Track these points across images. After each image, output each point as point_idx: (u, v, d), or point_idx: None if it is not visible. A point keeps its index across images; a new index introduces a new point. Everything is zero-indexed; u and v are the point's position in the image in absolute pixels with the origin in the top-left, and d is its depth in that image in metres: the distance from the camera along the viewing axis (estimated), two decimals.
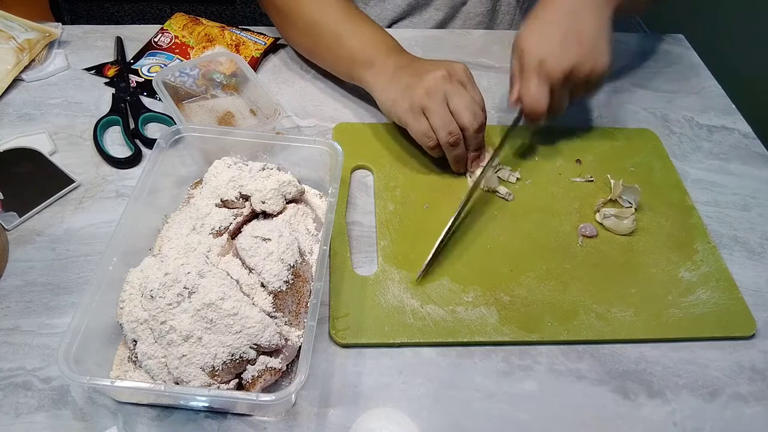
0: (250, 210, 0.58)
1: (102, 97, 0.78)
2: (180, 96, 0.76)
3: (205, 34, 0.88)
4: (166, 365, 0.48)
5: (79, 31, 0.88)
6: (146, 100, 0.78)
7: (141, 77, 0.82)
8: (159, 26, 0.89)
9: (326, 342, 0.57)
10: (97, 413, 0.51)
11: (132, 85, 0.80)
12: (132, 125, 0.75)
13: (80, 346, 0.47)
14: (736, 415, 0.55)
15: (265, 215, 0.59)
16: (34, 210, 0.64)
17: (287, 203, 0.60)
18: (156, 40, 0.87)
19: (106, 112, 0.75)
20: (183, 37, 0.88)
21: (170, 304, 0.47)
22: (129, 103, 0.77)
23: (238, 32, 0.89)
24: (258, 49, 0.86)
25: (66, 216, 0.65)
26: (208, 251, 0.53)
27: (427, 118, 0.67)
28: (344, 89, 0.83)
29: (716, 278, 0.64)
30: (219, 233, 0.56)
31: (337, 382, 0.54)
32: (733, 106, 0.88)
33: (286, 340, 0.51)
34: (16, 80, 0.78)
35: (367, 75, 0.73)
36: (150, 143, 0.72)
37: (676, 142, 0.81)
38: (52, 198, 0.66)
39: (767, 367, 0.59)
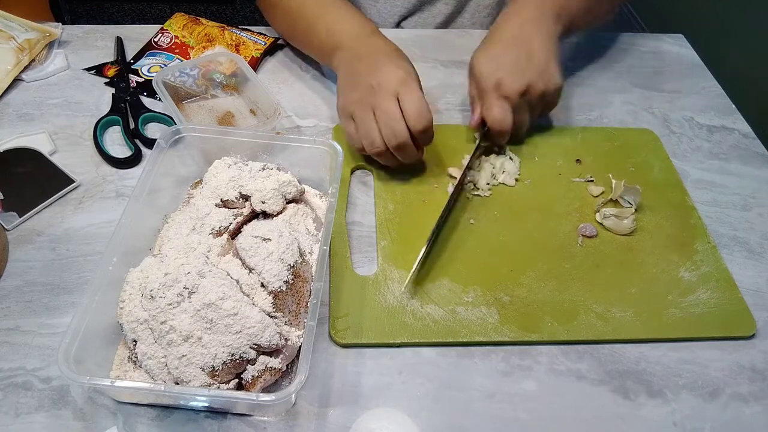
0: (250, 210, 0.58)
1: (102, 97, 0.78)
2: (180, 96, 0.76)
3: (205, 34, 0.88)
4: (166, 365, 0.48)
5: (79, 31, 0.88)
6: (146, 100, 0.78)
7: (141, 77, 0.82)
8: (159, 26, 0.89)
9: (326, 342, 0.57)
10: (97, 413, 0.51)
11: (132, 85, 0.80)
12: (132, 125, 0.74)
13: (80, 346, 0.47)
14: (736, 415, 0.55)
15: (265, 215, 0.59)
16: (34, 210, 0.64)
17: (287, 203, 0.60)
18: (156, 40, 0.87)
19: (106, 112, 0.75)
20: (183, 37, 0.88)
21: (170, 304, 0.47)
22: (129, 103, 0.77)
23: (238, 32, 0.89)
24: (258, 49, 0.86)
25: (66, 216, 0.65)
26: (208, 251, 0.53)
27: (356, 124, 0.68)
28: None
29: (716, 278, 0.64)
30: (219, 233, 0.56)
31: (337, 382, 0.54)
32: (733, 106, 0.88)
33: (286, 340, 0.51)
34: (16, 80, 0.78)
35: (333, 59, 0.75)
36: (150, 143, 0.72)
37: (676, 142, 0.81)
38: (52, 198, 0.66)
39: (767, 367, 0.59)
